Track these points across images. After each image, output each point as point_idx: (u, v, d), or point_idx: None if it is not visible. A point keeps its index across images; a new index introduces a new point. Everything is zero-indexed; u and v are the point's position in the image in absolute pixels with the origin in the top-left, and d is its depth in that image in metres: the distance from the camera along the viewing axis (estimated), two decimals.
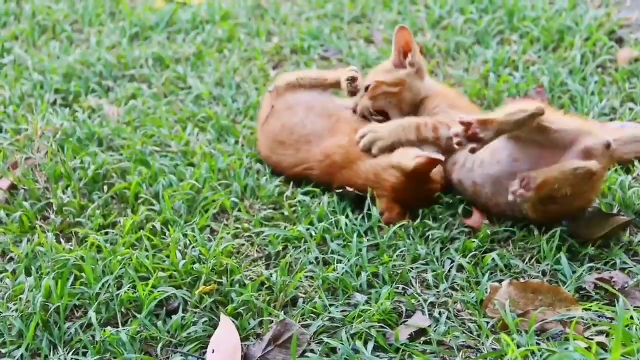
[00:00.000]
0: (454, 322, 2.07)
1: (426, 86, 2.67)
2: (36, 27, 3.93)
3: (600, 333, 1.98)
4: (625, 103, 2.96)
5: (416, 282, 2.22)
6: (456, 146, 2.24)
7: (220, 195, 2.55)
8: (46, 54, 3.67)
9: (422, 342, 2.00)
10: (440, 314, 2.09)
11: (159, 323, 2.08)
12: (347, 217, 2.43)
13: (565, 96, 3.04)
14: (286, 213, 2.51)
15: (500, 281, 2.16)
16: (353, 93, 2.71)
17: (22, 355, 2.03)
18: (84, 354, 2.02)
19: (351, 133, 2.58)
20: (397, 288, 2.19)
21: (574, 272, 2.19)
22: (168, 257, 2.28)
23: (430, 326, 2.03)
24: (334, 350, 1.99)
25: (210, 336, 2.05)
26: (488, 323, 2.04)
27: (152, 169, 2.68)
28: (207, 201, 2.54)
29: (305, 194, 2.58)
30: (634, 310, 1.96)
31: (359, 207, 2.51)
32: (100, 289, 2.17)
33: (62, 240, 2.45)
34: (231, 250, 2.35)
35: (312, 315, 2.11)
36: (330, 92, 2.84)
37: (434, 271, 2.24)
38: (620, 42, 3.41)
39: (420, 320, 2.06)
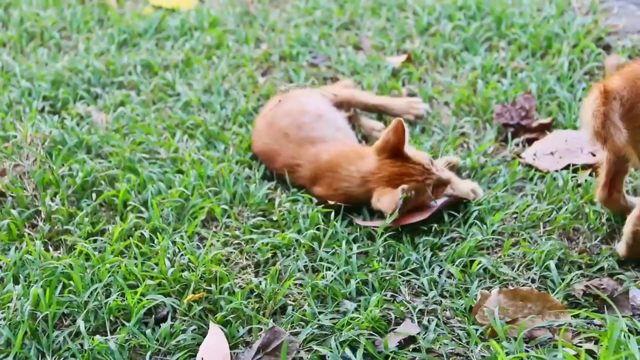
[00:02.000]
0: (442, 329, 2.07)
1: None
2: (24, 33, 3.91)
3: (589, 340, 1.99)
4: None
5: (405, 289, 2.22)
6: None
7: (209, 202, 2.55)
8: (34, 60, 3.66)
9: (411, 350, 2.01)
10: (429, 321, 2.09)
11: (148, 331, 2.07)
12: (335, 224, 2.43)
13: (553, 103, 3.05)
14: (274, 218, 2.51)
15: (490, 288, 2.17)
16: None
17: None
18: None
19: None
20: (386, 295, 2.19)
21: (563, 279, 2.20)
22: (157, 264, 2.28)
23: (419, 333, 2.04)
24: (323, 357, 1.99)
25: (199, 344, 2.05)
26: (477, 330, 2.04)
27: (141, 176, 2.68)
28: (195, 208, 2.54)
29: (294, 201, 2.58)
30: (623, 317, 1.96)
31: (348, 214, 2.52)
32: (89, 296, 2.16)
33: (50, 248, 2.44)
34: (220, 258, 2.35)
35: (301, 322, 2.11)
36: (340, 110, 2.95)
37: (423, 278, 2.24)
38: (607, 48, 3.43)
39: (409, 327, 2.06)
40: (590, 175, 2.62)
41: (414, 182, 2.46)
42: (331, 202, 2.51)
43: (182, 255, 2.33)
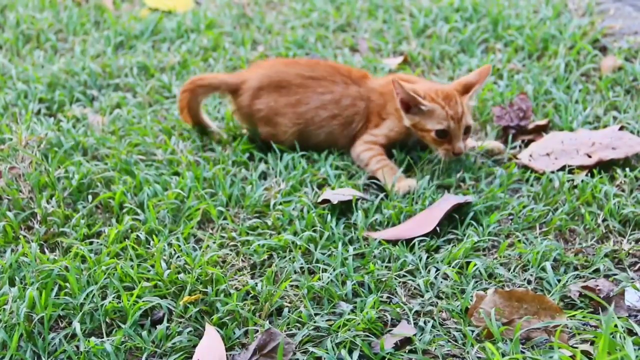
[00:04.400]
0: (439, 330, 2.07)
1: None
2: (20, 36, 3.91)
3: (585, 341, 1.99)
4: (609, 111, 2.98)
5: (401, 291, 2.22)
6: None
7: (205, 204, 2.55)
8: (30, 62, 3.66)
9: (407, 351, 2.00)
10: (425, 322, 2.09)
11: (144, 333, 2.07)
12: (331, 226, 2.43)
13: (550, 104, 3.05)
14: (269, 222, 2.51)
15: (485, 289, 2.17)
16: None
17: None
18: None
19: None
20: (382, 297, 2.19)
21: (559, 280, 2.19)
22: (153, 266, 2.28)
23: (415, 335, 2.03)
24: (319, 359, 1.99)
25: (195, 346, 2.05)
26: (473, 331, 2.04)
27: (137, 178, 2.67)
28: (191, 210, 2.54)
29: (289, 202, 2.58)
30: (619, 318, 1.96)
31: (344, 216, 2.52)
32: (85, 299, 2.16)
33: (46, 250, 2.44)
34: (216, 260, 2.35)
35: (297, 324, 2.11)
36: None
37: (419, 279, 2.24)
38: (603, 50, 3.43)
39: (405, 329, 2.06)
40: (587, 176, 2.62)
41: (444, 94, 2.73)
42: None
43: (178, 257, 2.33)
